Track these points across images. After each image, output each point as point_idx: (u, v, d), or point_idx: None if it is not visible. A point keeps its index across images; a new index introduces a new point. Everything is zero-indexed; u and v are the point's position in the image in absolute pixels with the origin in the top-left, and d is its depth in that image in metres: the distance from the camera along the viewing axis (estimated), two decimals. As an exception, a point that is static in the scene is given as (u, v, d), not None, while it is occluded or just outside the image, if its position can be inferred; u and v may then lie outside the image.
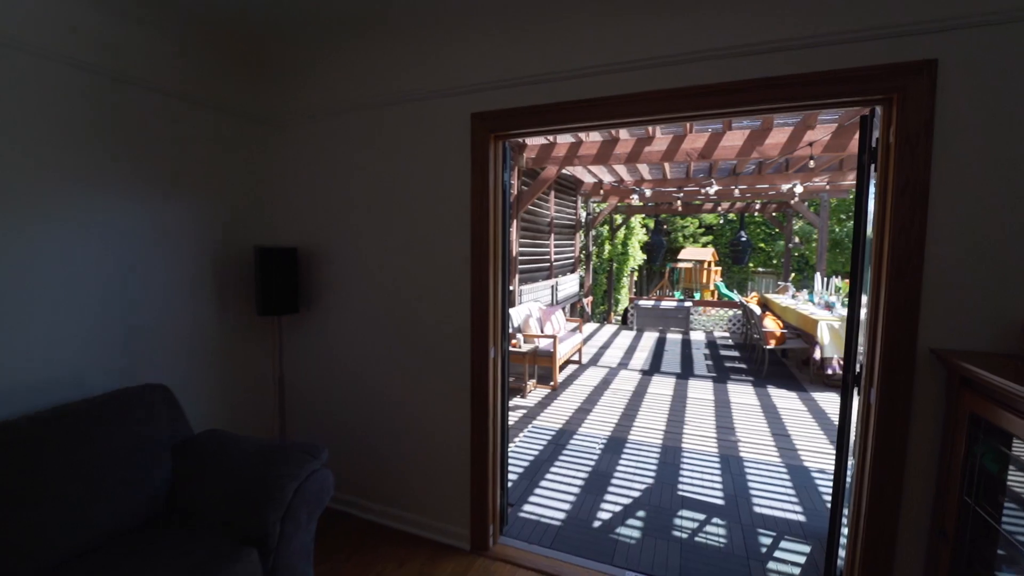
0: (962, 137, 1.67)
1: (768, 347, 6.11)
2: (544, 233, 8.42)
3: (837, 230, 12.46)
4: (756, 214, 12.69)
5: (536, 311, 6.29)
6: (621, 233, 14.69)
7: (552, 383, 5.38)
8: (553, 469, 3.42)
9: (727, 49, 1.92)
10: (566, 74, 2.15)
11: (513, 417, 4.48)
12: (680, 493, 3.11)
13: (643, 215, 17.03)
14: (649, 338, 8.73)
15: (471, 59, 2.32)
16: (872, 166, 1.91)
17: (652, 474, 3.37)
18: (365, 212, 2.65)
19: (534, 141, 6.49)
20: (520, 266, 7.03)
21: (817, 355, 5.49)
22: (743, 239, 12.32)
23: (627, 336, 8.96)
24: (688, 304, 9.25)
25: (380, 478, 2.69)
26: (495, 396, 2.45)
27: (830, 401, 5.14)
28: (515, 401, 4.97)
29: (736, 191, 9.34)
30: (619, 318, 14.50)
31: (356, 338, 2.71)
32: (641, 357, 7.15)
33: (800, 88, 1.86)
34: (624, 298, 15.90)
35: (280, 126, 2.81)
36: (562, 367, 6.13)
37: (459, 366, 2.46)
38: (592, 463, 3.53)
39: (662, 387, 5.57)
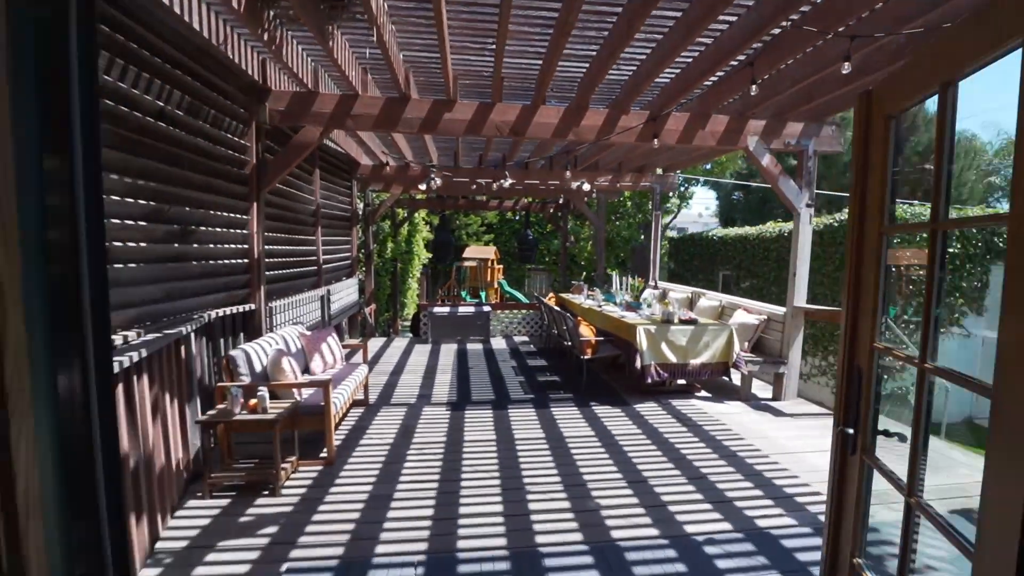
0: None
1: (585, 357, 5.45)
2: (308, 226, 6.26)
3: (608, 229, 13.60)
4: (553, 210, 12.77)
5: (296, 340, 4.26)
6: (405, 229, 13.15)
7: (326, 454, 3.51)
8: None
9: None
10: None
11: (249, 551, 2.50)
12: (570, 676, 1.77)
13: (427, 210, 15.85)
14: (448, 352, 7.44)
15: None
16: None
17: (513, 633, 1.96)
18: None
19: (283, 85, 4.42)
20: (269, 273, 4.83)
21: (637, 363, 4.99)
22: (530, 237, 12.22)
23: (422, 352, 7.48)
24: (487, 309, 8.32)
25: None
26: None
27: (654, 414, 4.66)
28: (260, 505, 2.95)
29: (562, 185, 8.81)
30: (407, 325, 12.97)
31: None
32: (444, 382, 5.76)
33: None
34: (411, 302, 14.43)
35: None
36: (341, 420, 4.26)
37: None
38: (408, 644, 1.92)
39: (480, 427, 4.27)
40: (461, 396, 5.19)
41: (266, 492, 3.07)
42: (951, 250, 6.46)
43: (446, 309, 8.35)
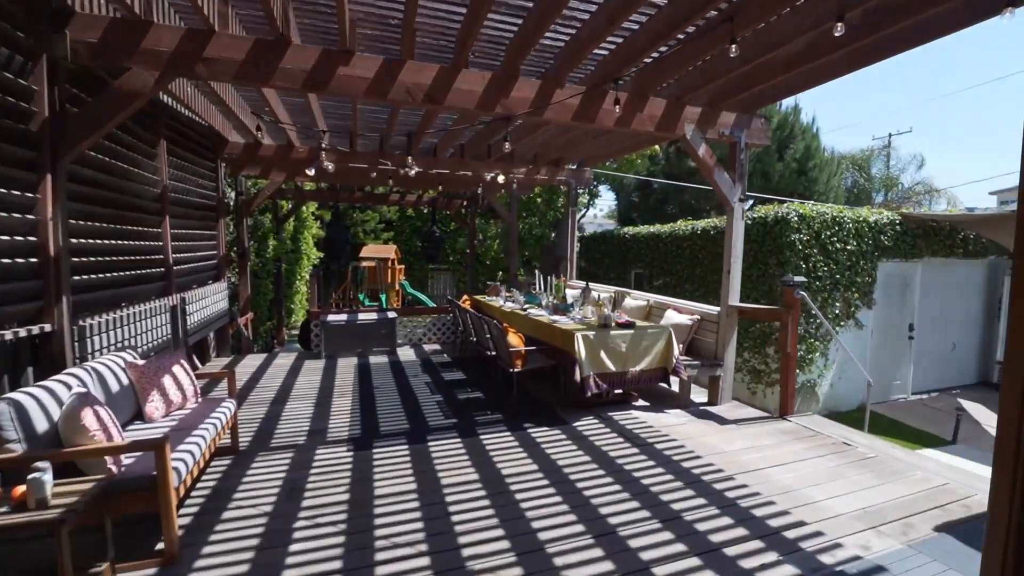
0: None
1: (515, 370, 4.72)
2: (150, 215, 4.77)
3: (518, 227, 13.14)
4: (460, 206, 11.86)
5: (120, 374, 2.97)
6: (290, 225, 11.47)
7: (164, 546, 2.35)
8: None
9: None
10: None
11: None
12: None
13: (317, 203, 14.13)
14: (347, 368, 6.27)
15: None
16: None
17: None
18: None
19: (97, 7, 3.11)
20: (81, 278, 3.42)
21: (576, 375, 4.38)
22: (436, 235, 11.30)
23: (314, 369, 6.23)
24: (393, 315, 7.24)
25: None
26: None
27: (598, 433, 4.07)
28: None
29: (475, 176, 7.90)
30: (295, 334, 11.35)
31: None
32: (344, 409, 4.67)
33: None
34: (300, 308, 12.70)
35: None
36: (191, 487, 3.04)
37: None
38: None
39: (395, 472, 3.33)
40: (366, 428, 4.17)
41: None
42: (848, 247, 6.83)
43: (343, 317, 7.13)
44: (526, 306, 6.17)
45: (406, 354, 7.14)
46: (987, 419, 6.76)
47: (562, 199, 12.07)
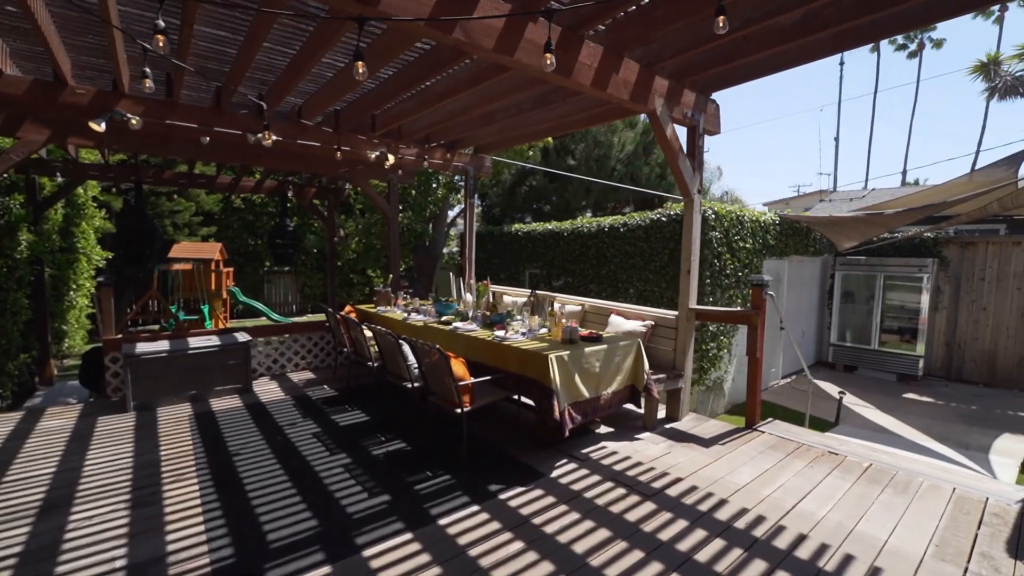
0: None
1: (463, 410, 3.44)
2: None
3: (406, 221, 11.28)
4: (312, 195, 9.60)
5: None
6: (58, 211, 8.07)
7: None
8: None
9: None
10: None
11: None
12: None
13: (103, 184, 10.47)
14: (175, 425, 4.17)
15: None
16: None
17: None
18: None
19: None
20: None
21: (555, 411, 3.31)
22: (290, 229, 9.10)
23: (116, 433, 3.99)
24: (246, 338, 5.20)
25: None
26: None
27: (589, 484, 3.09)
28: None
29: (356, 154, 6.09)
30: (72, 369, 8.11)
31: None
32: (188, 507, 2.83)
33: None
34: (78, 329, 9.17)
35: None
36: None
37: None
38: None
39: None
40: (242, 543, 2.49)
41: None
42: (747, 246, 7.04)
43: (162, 344, 4.86)
44: (444, 318, 4.87)
45: (269, 391, 5.20)
46: (848, 399, 7.62)
47: (441, 190, 10.78)
